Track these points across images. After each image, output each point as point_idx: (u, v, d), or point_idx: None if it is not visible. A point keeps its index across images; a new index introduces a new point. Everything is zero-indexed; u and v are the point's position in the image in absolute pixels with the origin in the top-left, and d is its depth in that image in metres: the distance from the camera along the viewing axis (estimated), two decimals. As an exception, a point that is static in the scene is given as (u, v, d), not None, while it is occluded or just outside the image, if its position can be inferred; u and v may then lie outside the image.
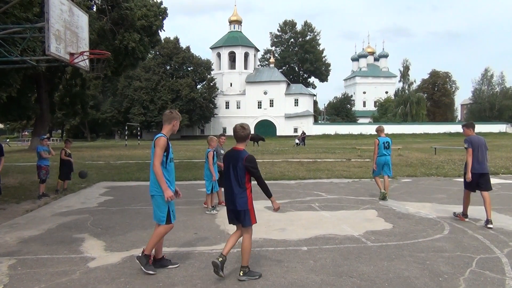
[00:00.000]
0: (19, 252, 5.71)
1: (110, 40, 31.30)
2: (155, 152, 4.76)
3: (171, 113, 5.01)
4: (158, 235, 4.94)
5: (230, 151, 4.78)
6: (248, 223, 4.66)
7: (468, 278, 4.59)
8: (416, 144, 40.06)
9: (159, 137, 4.82)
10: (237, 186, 4.63)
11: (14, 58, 9.46)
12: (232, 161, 4.66)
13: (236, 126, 4.78)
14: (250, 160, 4.59)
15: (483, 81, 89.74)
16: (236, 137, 4.76)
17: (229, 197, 4.72)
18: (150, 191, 4.95)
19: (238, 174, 4.60)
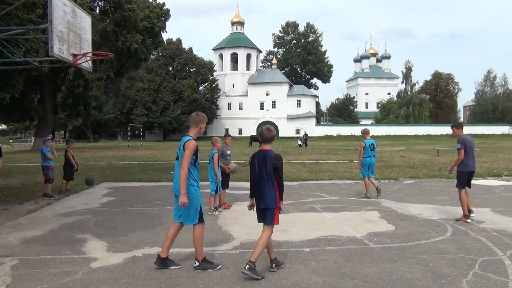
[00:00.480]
0: (22, 253, 5.72)
1: (113, 41, 31.40)
2: (185, 155, 4.85)
3: (198, 116, 5.12)
4: (199, 237, 5.03)
5: (258, 153, 4.98)
6: (271, 222, 4.84)
7: (471, 280, 4.58)
8: (418, 146, 39.97)
9: (189, 140, 4.91)
10: (268, 185, 4.81)
11: (17, 59, 9.49)
12: (261, 162, 4.87)
13: (263, 128, 4.99)
14: (277, 158, 4.83)
15: (486, 82, 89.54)
16: (262, 139, 4.96)
17: (259, 196, 4.87)
18: (177, 191, 4.98)
19: (268, 173, 4.80)
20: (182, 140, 5.02)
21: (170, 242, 5.13)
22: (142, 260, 5.37)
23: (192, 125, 5.11)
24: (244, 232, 6.81)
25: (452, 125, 8.07)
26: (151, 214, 8.41)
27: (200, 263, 4.96)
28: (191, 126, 5.12)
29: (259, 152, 4.98)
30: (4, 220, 7.93)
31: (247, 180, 13.60)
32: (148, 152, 32.24)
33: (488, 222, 7.46)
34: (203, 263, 4.97)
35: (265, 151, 4.91)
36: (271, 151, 4.90)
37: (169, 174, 15.28)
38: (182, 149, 4.92)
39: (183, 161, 4.84)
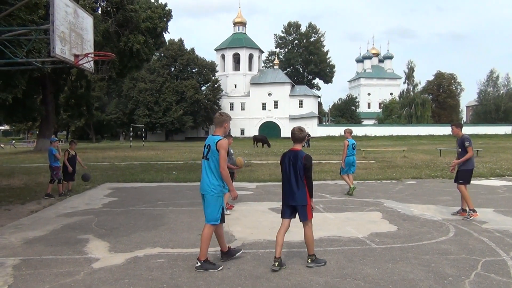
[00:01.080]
0: (24, 253, 5.73)
1: (115, 42, 31.44)
2: (221, 155, 4.94)
3: (222, 116, 5.22)
4: (208, 237, 5.03)
5: (288, 152, 5.18)
6: (306, 218, 5.07)
7: (473, 281, 4.56)
8: (421, 146, 39.90)
9: (221, 140, 4.99)
10: (297, 183, 5.01)
11: (19, 60, 9.50)
12: (291, 161, 5.06)
13: (295, 128, 5.23)
14: (307, 158, 5.04)
15: (489, 82, 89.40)
16: (294, 139, 5.17)
17: (289, 194, 5.10)
18: (206, 191, 5.05)
19: (298, 172, 5.00)
20: (211, 140, 5.07)
21: (222, 238, 5.30)
22: (143, 260, 5.37)
23: (217, 125, 5.20)
24: (246, 233, 6.81)
25: (452, 123, 8.21)
26: (153, 214, 8.41)
27: (202, 264, 4.96)
28: (216, 127, 5.21)
29: (289, 151, 5.17)
30: (6, 220, 7.94)
31: (248, 180, 13.63)
32: (150, 152, 32.27)
33: (490, 222, 7.43)
34: (205, 264, 4.97)
35: (296, 151, 5.11)
36: (302, 151, 5.09)
37: (171, 175, 15.29)
38: (214, 149, 4.97)
39: (221, 162, 4.94)
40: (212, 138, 5.08)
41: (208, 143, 5.09)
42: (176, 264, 5.20)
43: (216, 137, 5.04)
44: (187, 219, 7.88)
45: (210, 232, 5.04)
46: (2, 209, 9.09)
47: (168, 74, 75.95)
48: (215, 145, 4.96)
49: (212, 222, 5.02)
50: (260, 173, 15.53)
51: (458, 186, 7.91)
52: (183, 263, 5.23)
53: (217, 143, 4.95)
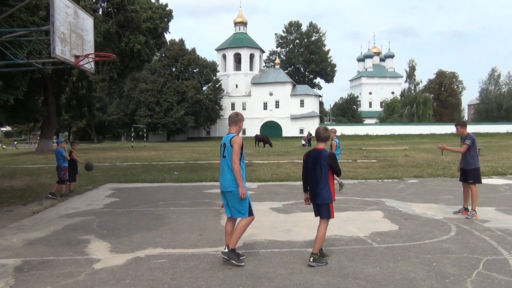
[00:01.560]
0: (25, 254, 5.74)
1: (116, 42, 31.49)
2: (234, 150, 5.04)
3: (237, 115, 5.35)
4: (242, 228, 5.18)
5: (313, 151, 5.30)
6: (327, 216, 5.21)
7: (475, 280, 4.55)
8: (422, 145, 39.84)
9: (235, 136, 5.14)
10: (322, 182, 5.12)
11: (20, 61, 9.51)
12: (316, 160, 5.17)
13: (320, 128, 5.34)
14: (331, 157, 5.17)
15: (490, 81, 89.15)
16: (319, 138, 5.28)
17: (314, 192, 5.21)
18: (226, 188, 5.15)
19: (322, 171, 5.10)
20: (226, 138, 5.21)
21: (231, 236, 5.29)
22: (145, 261, 5.37)
23: (232, 124, 5.31)
24: (247, 233, 6.74)
25: (457, 123, 8.22)
26: (155, 215, 8.42)
27: (229, 251, 5.09)
28: (231, 125, 5.33)
29: (313, 150, 5.29)
30: (8, 221, 7.95)
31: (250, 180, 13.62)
32: (152, 153, 32.30)
33: (492, 221, 7.42)
34: (231, 253, 5.10)
35: (319, 150, 5.22)
36: (325, 150, 5.20)
37: (173, 175, 15.30)
38: (229, 146, 5.11)
39: (233, 156, 5.04)
40: (227, 137, 5.23)
41: (223, 142, 5.25)
42: (177, 265, 5.20)
43: (230, 135, 5.19)
44: (188, 220, 7.88)
45: (247, 224, 5.18)
46: (4, 210, 9.10)
47: (169, 74, 76.03)
48: (229, 142, 5.11)
49: (243, 215, 5.16)
50: (262, 173, 15.52)
51: (471, 186, 7.85)
52: (184, 264, 5.23)
53: (231, 139, 5.10)
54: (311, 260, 5.06)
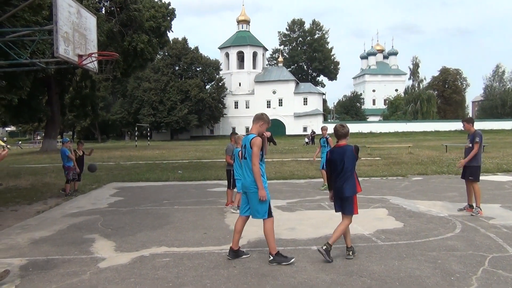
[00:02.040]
0: (30, 253, 5.76)
1: (119, 41, 31.52)
2: (254, 152, 5.04)
3: (262, 115, 5.35)
4: (270, 231, 5.15)
5: (336, 149, 5.36)
6: (351, 211, 5.28)
7: (480, 277, 4.53)
8: (426, 142, 39.72)
9: (254, 137, 5.11)
10: (348, 176, 5.22)
11: (23, 60, 9.54)
12: (340, 156, 5.23)
13: (337, 125, 5.37)
14: (357, 149, 5.29)
15: (495, 77, 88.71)
16: (338, 135, 5.33)
17: (340, 186, 5.25)
18: (247, 188, 5.20)
19: (347, 166, 5.21)
20: (246, 139, 5.24)
21: (239, 234, 5.36)
22: (149, 259, 5.38)
23: (253, 122, 5.33)
24: (251, 231, 6.78)
25: (463, 119, 8.16)
26: (159, 213, 8.43)
27: (274, 257, 5.07)
28: (252, 123, 5.33)
29: (336, 148, 5.35)
30: (13, 221, 7.98)
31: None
32: (156, 152, 32.34)
33: (498, 218, 7.38)
34: (277, 257, 5.07)
35: (342, 146, 5.27)
36: (348, 145, 5.27)
37: (177, 174, 15.31)
38: (249, 148, 5.12)
39: (253, 158, 5.04)
40: (246, 138, 5.25)
41: (244, 143, 5.28)
42: (181, 263, 5.20)
43: (250, 136, 5.19)
44: (192, 218, 7.89)
45: (271, 226, 5.15)
46: (9, 210, 9.14)
47: (172, 73, 76.04)
48: (249, 144, 5.11)
49: (262, 217, 5.14)
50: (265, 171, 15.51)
51: (472, 183, 7.81)
52: (188, 262, 5.23)
53: (251, 140, 5.10)
54: (323, 248, 5.10)
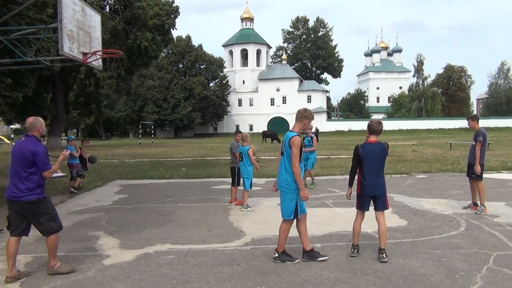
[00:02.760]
0: (36, 250, 5.79)
1: (123, 39, 31.53)
2: (293, 152, 4.88)
3: (306, 111, 5.15)
4: (284, 231, 5.09)
5: (367, 145, 5.28)
6: (384, 207, 5.27)
7: (485, 275, 4.52)
8: (431, 140, 39.60)
9: (294, 137, 4.93)
10: (380, 173, 5.27)
11: (29, 58, 9.56)
12: (374, 153, 5.21)
13: (374, 121, 5.37)
14: (388, 146, 5.31)
15: (500, 75, 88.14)
16: (373, 131, 5.27)
17: (373, 184, 5.23)
18: (280, 186, 5.08)
19: (379, 163, 5.24)
20: (287, 136, 5.05)
21: (304, 234, 5.20)
22: (153, 257, 5.40)
23: (297, 120, 5.14)
24: (255, 229, 6.81)
25: (468, 117, 8.11)
26: (163, 211, 8.45)
27: (279, 255, 5.07)
28: (296, 121, 5.16)
29: (369, 144, 5.26)
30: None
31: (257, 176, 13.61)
32: (160, 149, 32.39)
33: (502, 216, 7.36)
34: (282, 255, 5.07)
35: (375, 142, 5.25)
36: (380, 142, 5.26)
37: (180, 171, 15.34)
38: (287, 147, 4.95)
39: (292, 159, 4.88)
40: (288, 135, 5.06)
41: (284, 139, 5.09)
42: (186, 260, 5.22)
43: (291, 134, 5.01)
44: (196, 216, 7.91)
45: (286, 226, 5.07)
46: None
47: (176, 71, 76.04)
48: (288, 142, 4.95)
49: (285, 217, 5.06)
50: (269, 169, 15.51)
51: (476, 181, 7.79)
52: (192, 259, 5.25)
53: (290, 139, 4.93)
54: (384, 256, 5.05)
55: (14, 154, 4.65)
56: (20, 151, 4.60)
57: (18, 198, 4.56)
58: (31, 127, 4.75)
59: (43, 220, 4.67)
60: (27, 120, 4.80)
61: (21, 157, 4.58)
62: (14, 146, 4.80)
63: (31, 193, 4.59)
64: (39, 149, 4.59)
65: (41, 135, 4.86)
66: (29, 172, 4.58)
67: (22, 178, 4.57)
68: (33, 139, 4.71)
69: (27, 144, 4.62)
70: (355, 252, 5.27)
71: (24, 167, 4.57)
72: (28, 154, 4.55)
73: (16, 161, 4.61)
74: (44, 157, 4.62)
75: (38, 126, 4.77)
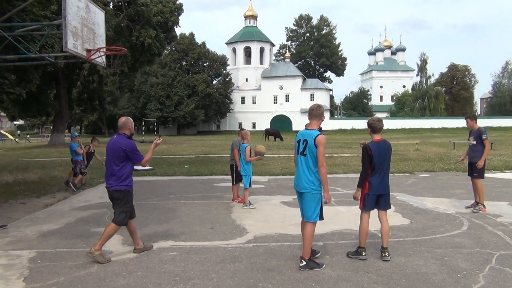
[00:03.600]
0: (39, 246, 5.82)
1: (127, 36, 31.54)
2: (321, 153, 4.65)
3: (321, 108, 4.99)
4: (310, 235, 4.83)
5: (377, 144, 5.18)
6: (388, 207, 5.33)
7: (487, 275, 4.52)
8: (434, 139, 39.50)
9: (319, 136, 4.69)
10: (387, 172, 5.27)
11: (33, 55, 9.59)
12: (383, 151, 5.17)
13: (374, 118, 5.32)
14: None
15: (504, 74, 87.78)
16: (375, 129, 5.23)
17: (382, 183, 5.23)
18: (303, 188, 4.79)
19: (387, 162, 5.22)
20: (307, 134, 4.76)
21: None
22: (156, 253, 5.42)
23: (314, 118, 4.90)
24: (257, 226, 6.82)
25: (466, 116, 8.09)
26: (165, 208, 8.47)
27: (307, 263, 4.77)
28: (312, 119, 4.91)
29: (376, 143, 5.19)
30: (21, 213, 8.07)
31: (260, 174, 13.61)
32: (162, 146, 32.38)
33: (505, 216, 7.34)
34: (310, 263, 4.79)
35: (382, 141, 5.22)
36: (386, 140, 5.23)
37: (183, 168, 15.36)
38: (312, 146, 4.67)
39: (321, 159, 4.65)
40: (308, 133, 4.76)
41: (304, 137, 4.77)
42: (188, 257, 5.23)
43: (313, 132, 4.73)
44: (199, 212, 7.92)
45: (311, 230, 4.81)
46: (18, 203, 9.23)
47: (180, 68, 76.06)
48: (313, 141, 4.66)
49: (312, 219, 4.78)
50: (272, 167, 15.54)
51: (475, 180, 7.79)
52: (195, 256, 5.26)
53: (315, 138, 4.66)
54: (388, 255, 5.06)
55: (108, 150, 5.30)
56: (113, 148, 5.24)
57: (111, 187, 5.26)
58: (123, 126, 5.38)
59: (117, 209, 5.30)
60: (120, 120, 5.43)
61: (114, 153, 5.23)
62: (108, 143, 5.38)
63: (119, 184, 5.24)
64: (131, 145, 5.26)
65: (131, 133, 5.46)
66: (120, 166, 5.23)
67: (114, 171, 5.22)
68: (123, 136, 5.33)
69: (119, 141, 5.26)
70: (364, 255, 5.11)
71: (116, 161, 5.22)
72: (120, 150, 5.19)
73: (110, 156, 5.27)
74: (135, 151, 5.31)
75: (129, 125, 5.41)
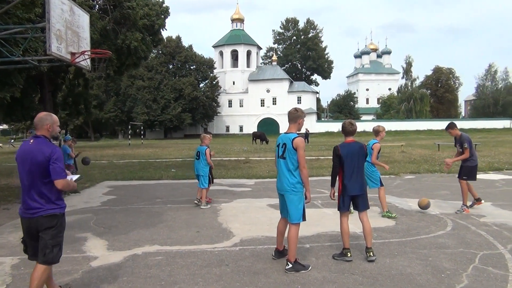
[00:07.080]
0: (22, 252, 5.71)
1: (113, 39, 31.27)
2: (301, 155, 4.81)
3: (297, 112, 5.01)
4: (294, 238, 4.88)
5: (346, 145, 5.26)
6: (367, 207, 5.36)
7: (471, 274, 4.58)
8: (419, 141, 39.92)
9: (297, 138, 4.81)
10: (360, 173, 5.27)
11: (16, 58, 9.46)
12: (353, 152, 5.21)
13: (346, 122, 5.39)
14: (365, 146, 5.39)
15: (487, 77, 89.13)
16: (346, 132, 5.32)
17: (356, 184, 5.22)
18: (285, 190, 4.92)
19: (359, 162, 5.23)
20: (286, 138, 4.89)
21: (282, 236, 5.23)
22: (142, 258, 5.38)
23: (291, 121, 4.99)
24: (244, 229, 6.82)
25: (447, 127, 8.06)
26: (152, 212, 8.42)
27: (293, 265, 4.80)
28: (291, 123, 5.01)
29: (348, 143, 5.26)
30: (5, 219, 7.94)
31: (247, 177, 13.61)
32: (149, 150, 32.26)
33: (488, 216, 7.46)
34: (296, 265, 4.82)
35: (353, 142, 5.26)
36: (358, 142, 5.27)
37: (170, 172, 15.29)
38: (291, 149, 4.79)
39: (301, 161, 4.80)
40: (287, 136, 4.90)
41: (283, 141, 4.91)
42: (174, 262, 5.20)
43: (291, 135, 4.86)
44: (185, 216, 7.89)
45: (295, 231, 4.88)
46: (1, 208, 9.09)
47: (166, 71, 75.69)
48: (291, 143, 4.79)
49: (297, 221, 4.88)
50: (259, 170, 15.54)
51: (461, 181, 7.89)
52: (181, 260, 5.24)
53: (293, 141, 4.79)
54: (372, 255, 5.11)
55: (25, 161, 3.73)
56: (33, 157, 3.68)
57: (37, 214, 3.71)
58: (39, 124, 3.86)
59: (49, 242, 3.83)
60: (37, 116, 3.93)
61: (36, 164, 3.66)
62: (22, 151, 3.80)
63: (53, 207, 3.83)
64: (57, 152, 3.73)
65: (52, 136, 3.90)
66: (48, 180, 3.70)
67: (42, 189, 3.72)
68: (44, 140, 3.78)
69: (40, 147, 3.70)
70: (350, 256, 5.14)
71: (41, 176, 3.68)
72: (44, 159, 3.65)
73: (30, 169, 3.69)
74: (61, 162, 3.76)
75: (47, 123, 3.83)
